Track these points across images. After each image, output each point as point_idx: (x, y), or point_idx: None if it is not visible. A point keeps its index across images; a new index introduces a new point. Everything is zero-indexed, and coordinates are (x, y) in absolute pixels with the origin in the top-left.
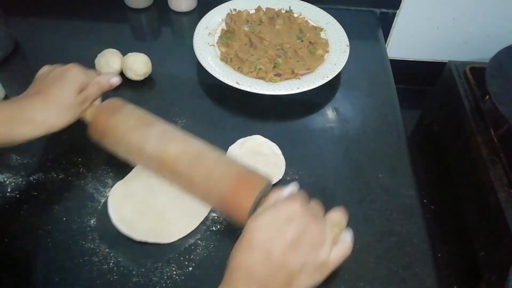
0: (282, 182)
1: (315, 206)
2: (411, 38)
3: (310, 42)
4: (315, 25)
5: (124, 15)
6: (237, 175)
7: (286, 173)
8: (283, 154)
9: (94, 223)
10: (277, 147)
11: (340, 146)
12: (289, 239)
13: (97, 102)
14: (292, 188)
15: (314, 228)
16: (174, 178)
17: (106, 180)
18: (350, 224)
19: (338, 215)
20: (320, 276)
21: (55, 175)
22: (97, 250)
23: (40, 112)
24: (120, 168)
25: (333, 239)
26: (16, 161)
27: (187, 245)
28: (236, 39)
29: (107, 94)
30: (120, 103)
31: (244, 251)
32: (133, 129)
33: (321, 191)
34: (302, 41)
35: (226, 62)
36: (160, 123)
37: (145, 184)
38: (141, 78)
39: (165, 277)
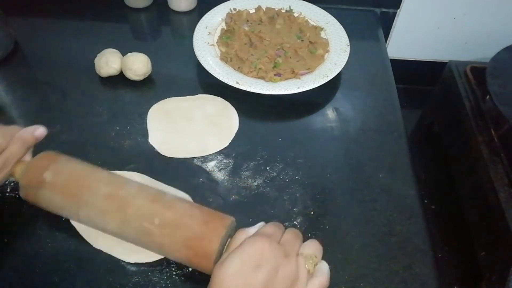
0: (279, 183)
1: (288, 239)
2: (411, 37)
3: (310, 42)
4: (315, 24)
5: (124, 15)
6: (200, 216)
7: (286, 173)
8: (282, 154)
9: None
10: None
11: (340, 146)
12: (260, 284)
13: (28, 157)
14: (259, 225)
15: (286, 268)
16: (127, 224)
17: None
18: (350, 224)
19: (311, 248)
20: None
21: None
22: (97, 250)
23: None
24: (120, 168)
25: (308, 273)
26: None
27: None
28: (236, 39)
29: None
30: (54, 154)
31: None
32: (76, 176)
33: (321, 191)
34: (302, 40)
35: (226, 62)
36: (104, 170)
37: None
38: (141, 78)
39: (165, 277)
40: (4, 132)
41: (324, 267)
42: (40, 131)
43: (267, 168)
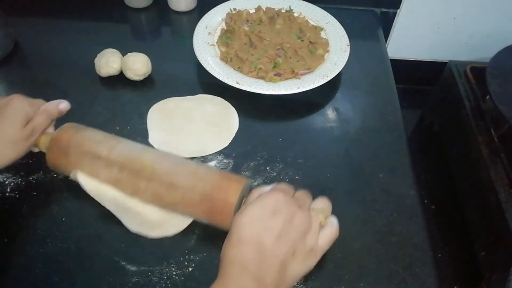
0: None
1: (300, 196)
2: (411, 38)
3: (310, 42)
4: (315, 24)
5: (124, 15)
6: (219, 174)
7: (286, 173)
8: (282, 154)
9: (94, 223)
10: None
11: (340, 146)
12: (277, 230)
13: (50, 130)
14: (272, 185)
15: (300, 217)
16: (150, 184)
17: None
18: (350, 224)
19: (322, 203)
20: (311, 262)
21: (55, 175)
22: (97, 250)
23: None
24: None
25: (319, 226)
26: (15, 161)
27: (186, 245)
28: (236, 39)
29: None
30: (78, 126)
31: (235, 247)
32: (100, 143)
33: (321, 191)
34: (302, 40)
35: (226, 62)
36: (127, 139)
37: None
38: (141, 78)
39: (165, 277)
40: (32, 103)
41: (334, 220)
42: (64, 105)
43: (267, 168)
